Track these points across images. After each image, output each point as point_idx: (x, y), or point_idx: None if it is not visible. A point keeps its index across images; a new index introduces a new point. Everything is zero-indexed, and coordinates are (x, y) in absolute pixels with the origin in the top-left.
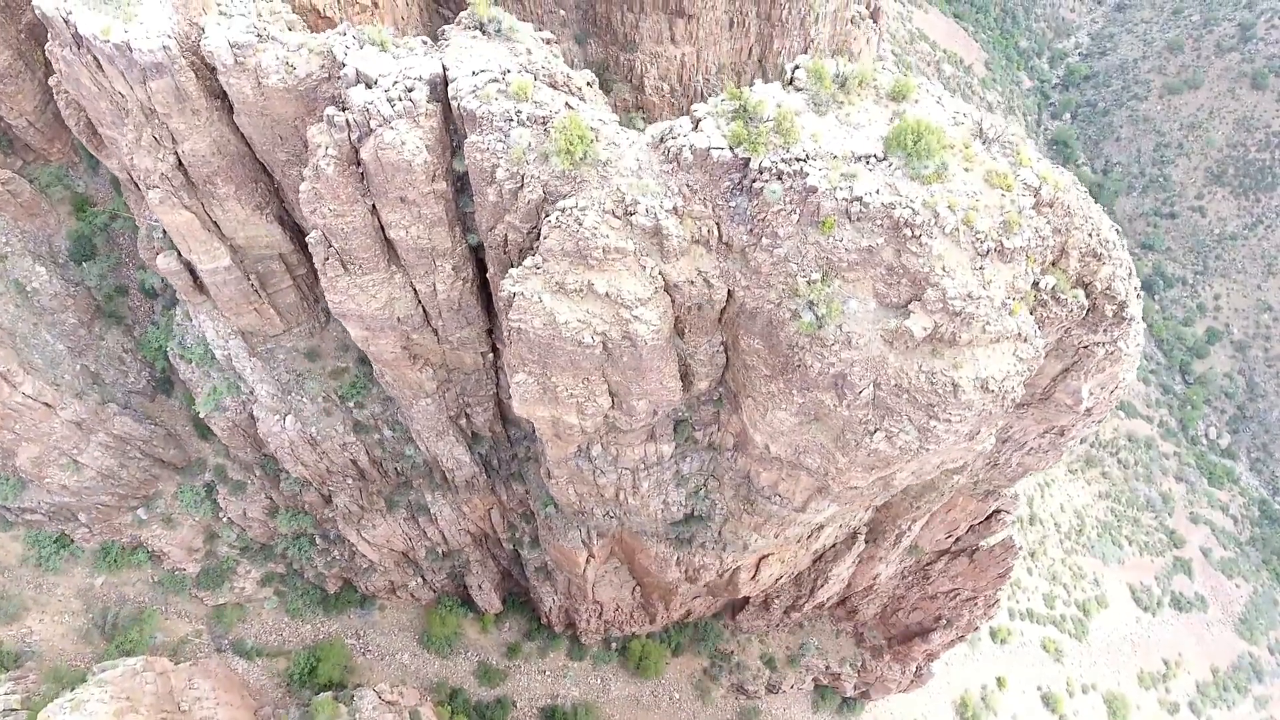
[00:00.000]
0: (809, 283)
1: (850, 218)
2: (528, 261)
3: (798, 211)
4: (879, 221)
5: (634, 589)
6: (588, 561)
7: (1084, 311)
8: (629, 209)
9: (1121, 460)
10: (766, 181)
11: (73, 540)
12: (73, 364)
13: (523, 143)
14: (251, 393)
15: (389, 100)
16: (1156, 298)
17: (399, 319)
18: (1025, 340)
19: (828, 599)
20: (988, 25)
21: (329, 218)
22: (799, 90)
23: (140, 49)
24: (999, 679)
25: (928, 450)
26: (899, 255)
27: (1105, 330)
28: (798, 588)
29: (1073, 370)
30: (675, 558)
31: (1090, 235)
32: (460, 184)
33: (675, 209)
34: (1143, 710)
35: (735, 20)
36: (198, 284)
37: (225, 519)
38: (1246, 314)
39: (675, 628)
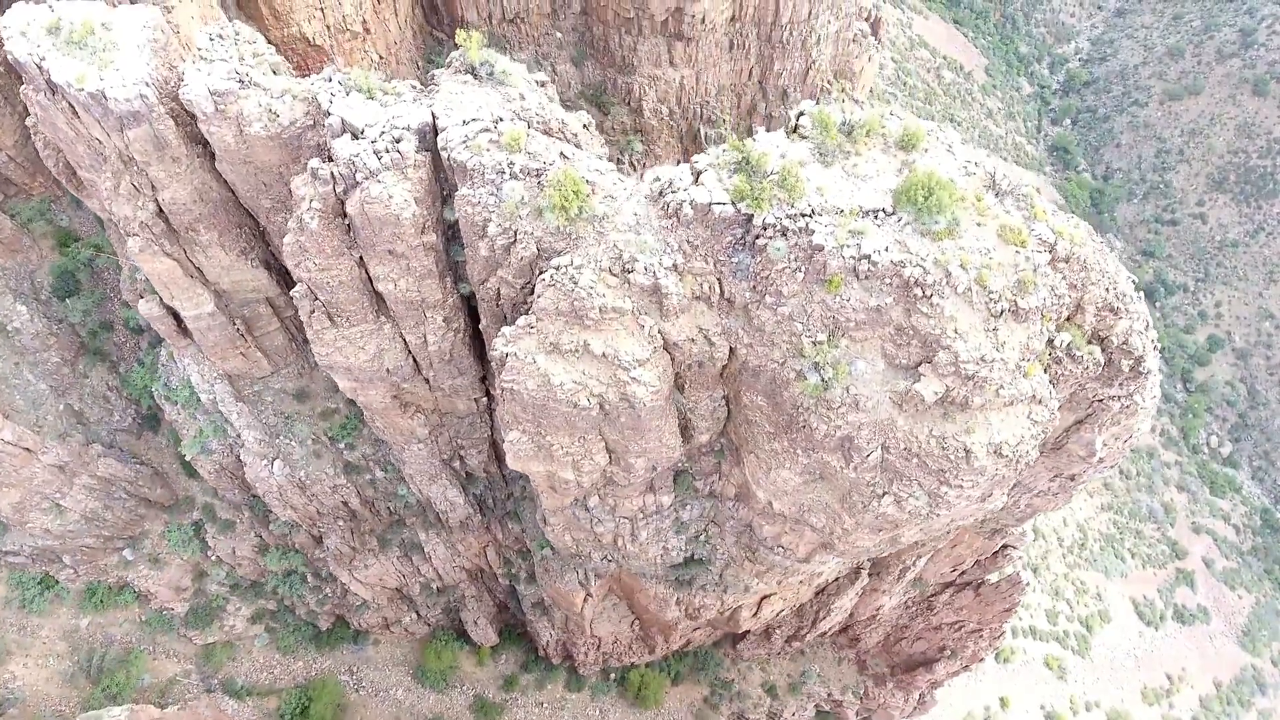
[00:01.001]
0: (814, 343)
1: (858, 276)
2: (521, 321)
3: (803, 269)
4: (888, 280)
5: (633, 623)
6: (585, 601)
7: (1100, 368)
8: (626, 267)
9: (1124, 470)
10: (770, 238)
11: (57, 581)
12: (55, 404)
13: (515, 197)
14: (238, 436)
15: (375, 152)
16: (1158, 305)
17: (388, 370)
18: (1040, 402)
19: (830, 628)
20: (987, 31)
21: (314, 272)
22: (804, 138)
23: (116, 98)
24: (1002, 699)
25: (938, 515)
26: (909, 315)
27: (1121, 384)
28: (799, 619)
29: (1086, 423)
30: (675, 598)
31: (1107, 290)
32: (451, 233)
33: (675, 266)
34: None
35: (735, 42)
36: (181, 328)
37: (214, 557)
38: (1248, 321)
39: (675, 656)
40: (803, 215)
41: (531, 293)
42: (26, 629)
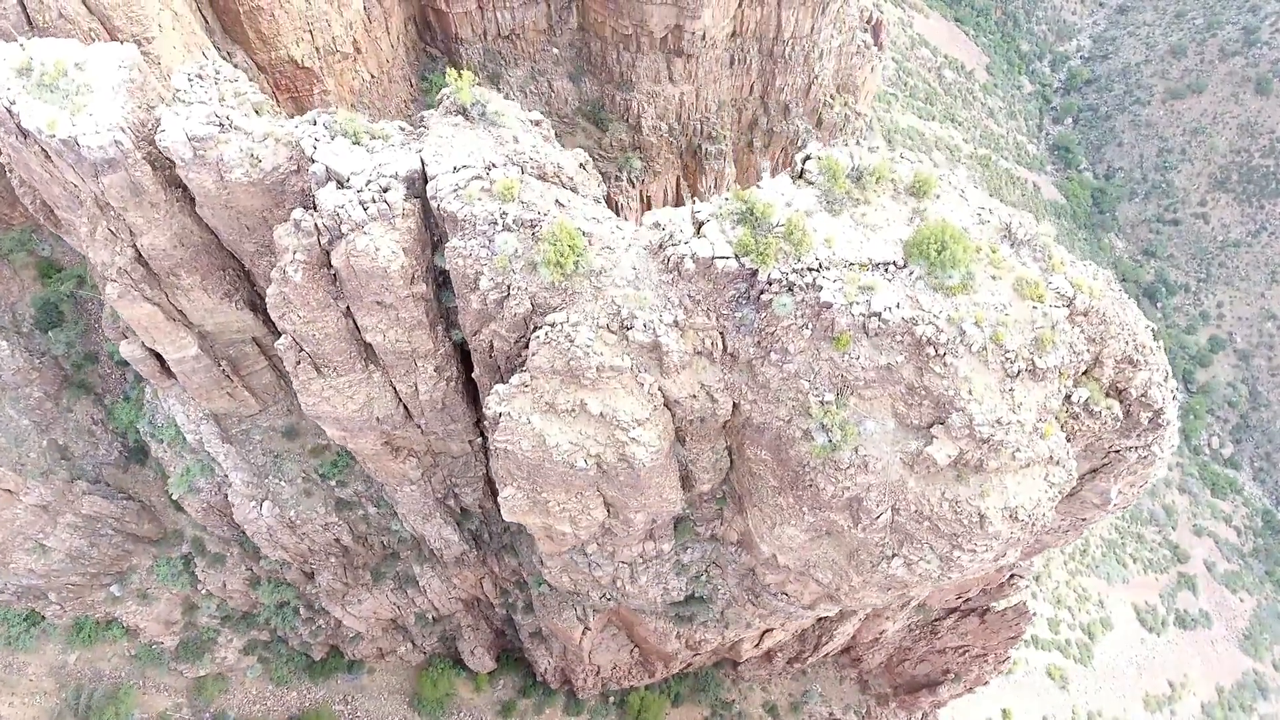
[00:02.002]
0: (822, 403)
1: (867, 333)
2: (514, 380)
3: (810, 326)
4: (899, 338)
5: (632, 650)
6: (584, 634)
7: (1118, 422)
8: (625, 324)
9: None
10: (776, 293)
11: (43, 617)
12: (38, 440)
13: (509, 249)
14: (226, 476)
15: (362, 203)
16: (1159, 305)
17: (378, 419)
18: (1057, 464)
19: (832, 650)
20: (988, 29)
21: (299, 324)
22: (810, 184)
23: (89, 145)
24: (1004, 711)
25: (950, 577)
26: (921, 375)
27: (1139, 435)
28: (801, 642)
29: (1102, 472)
30: (675, 632)
31: (1126, 342)
32: (443, 279)
33: (676, 322)
34: None
35: (736, 58)
36: (165, 369)
37: (204, 591)
38: (1250, 322)
39: (675, 678)
40: (810, 269)
41: (526, 346)
42: (12, 666)
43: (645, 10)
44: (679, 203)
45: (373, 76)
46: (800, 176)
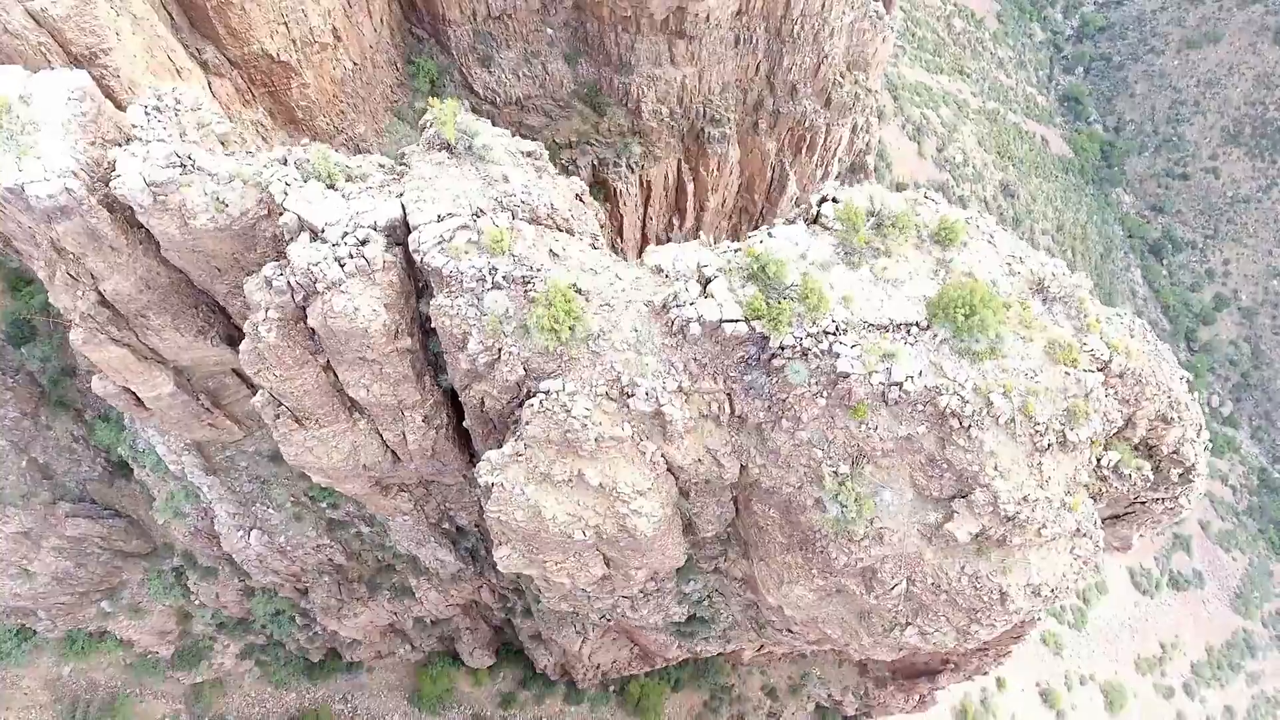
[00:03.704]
0: (835, 474)
1: (887, 402)
2: (506, 449)
3: (825, 395)
4: (921, 408)
5: (633, 648)
6: (583, 643)
7: (1148, 483)
8: (626, 391)
9: None
10: (789, 359)
11: (35, 632)
12: (17, 461)
13: (499, 309)
14: (212, 504)
15: (338, 259)
16: (1165, 262)
17: (365, 466)
18: (1085, 536)
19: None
20: None
21: (275, 382)
22: (826, 229)
23: (37, 194)
24: (998, 680)
25: (966, 646)
26: (943, 447)
27: (1167, 489)
28: None
29: (1125, 520)
30: (677, 643)
31: (1162, 401)
32: (430, 323)
33: (680, 387)
34: (1139, 697)
35: (741, 38)
36: (141, 402)
37: (198, 602)
38: (1256, 280)
39: (674, 665)
40: (826, 333)
41: (520, 404)
42: (6, 680)
43: None
44: (680, 188)
45: (355, 64)
46: (816, 221)
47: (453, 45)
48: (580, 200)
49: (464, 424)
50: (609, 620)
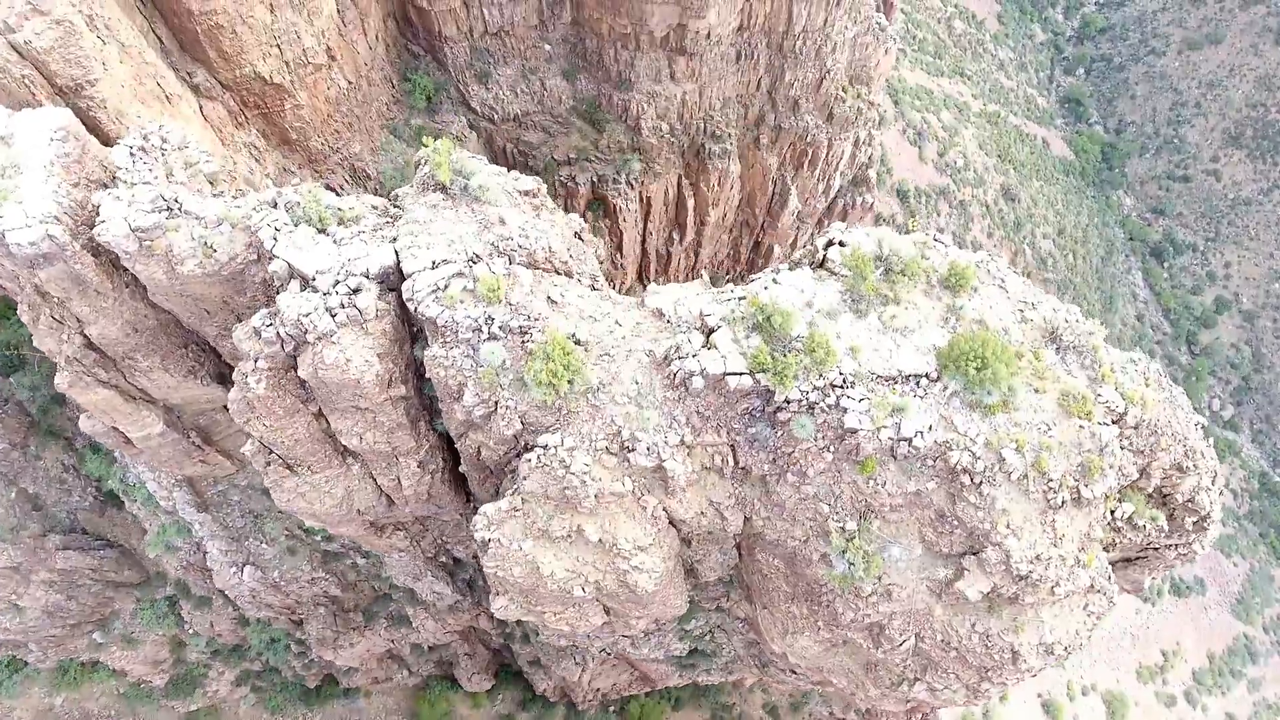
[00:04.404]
0: (842, 530)
1: (895, 457)
2: (503, 503)
3: (832, 450)
4: (930, 463)
5: (633, 671)
6: (583, 672)
7: (1162, 533)
8: (626, 445)
9: None
10: (795, 413)
11: (26, 663)
12: (6, 492)
13: (495, 361)
14: (203, 540)
15: (329, 309)
16: (1166, 265)
17: (359, 511)
18: (1099, 592)
19: None
20: None
21: (265, 432)
22: (833, 274)
23: (18, 242)
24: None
25: (975, 703)
26: (954, 503)
27: (1181, 535)
28: None
29: (1137, 564)
30: (679, 673)
31: (1177, 451)
32: (425, 368)
33: (683, 441)
34: (1141, 706)
35: (743, 53)
36: (131, 441)
37: (191, 631)
38: (1257, 283)
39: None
40: (833, 387)
41: (518, 455)
42: None
43: (645, 10)
44: (680, 203)
45: (350, 83)
46: (822, 265)
47: (449, 62)
48: (579, 238)
49: (460, 469)
50: (609, 653)
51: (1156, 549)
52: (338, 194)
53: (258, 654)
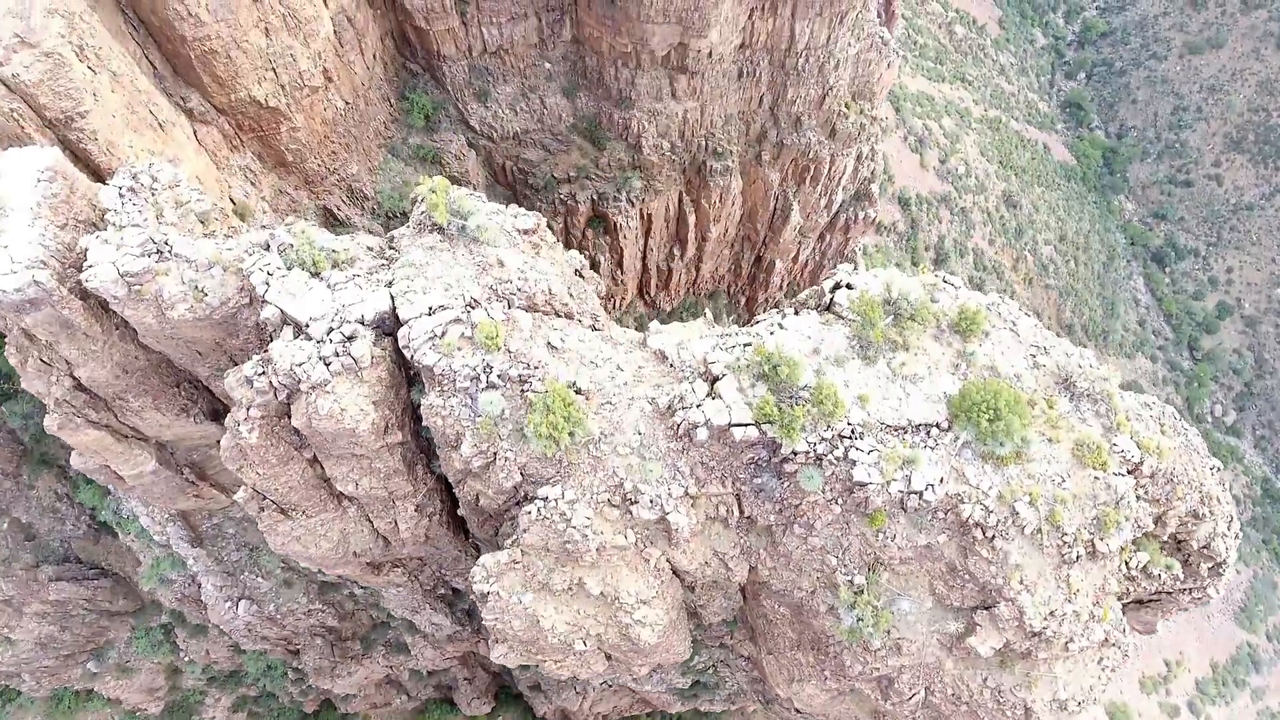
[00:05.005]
0: (851, 584)
1: (905, 509)
2: (502, 556)
3: (840, 502)
4: (941, 515)
5: (634, 694)
6: (583, 700)
7: (1177, 581)
8: (629, 498)
9: None
10: (803, 464)
11: (19, 693)
12: None
13: (494, 410)
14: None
15: (323, 359)
16: (1167, 270)
17: (355, 553)
18: (1114, 645)
19: None
20: None
21: (259, 479)
22: (840, 318)
23: (4, 288)
24: None
25: None
26: (965, 556)
27: (1194, 579)
28: None
29: (1149, 607)
30: (681, 702)
31: (1194, 498)
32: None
33: (687, 492)
34: (1144, 717)
35: (745, 70)
36: (123, 478)
37: (187, 659)
38: (1259, 288)
39: None
40: (842, 438)
41: (517, 504)
42: None
43: (646, 29)
44: (681, 219)
45: (347, 103)
46: (829, 308)
47: (448, 80)
48: (580, 275)
49: (459, 511)
50: (611, 684)
51: (1170, 593)
52: (334, 214)
53: (254, 680)
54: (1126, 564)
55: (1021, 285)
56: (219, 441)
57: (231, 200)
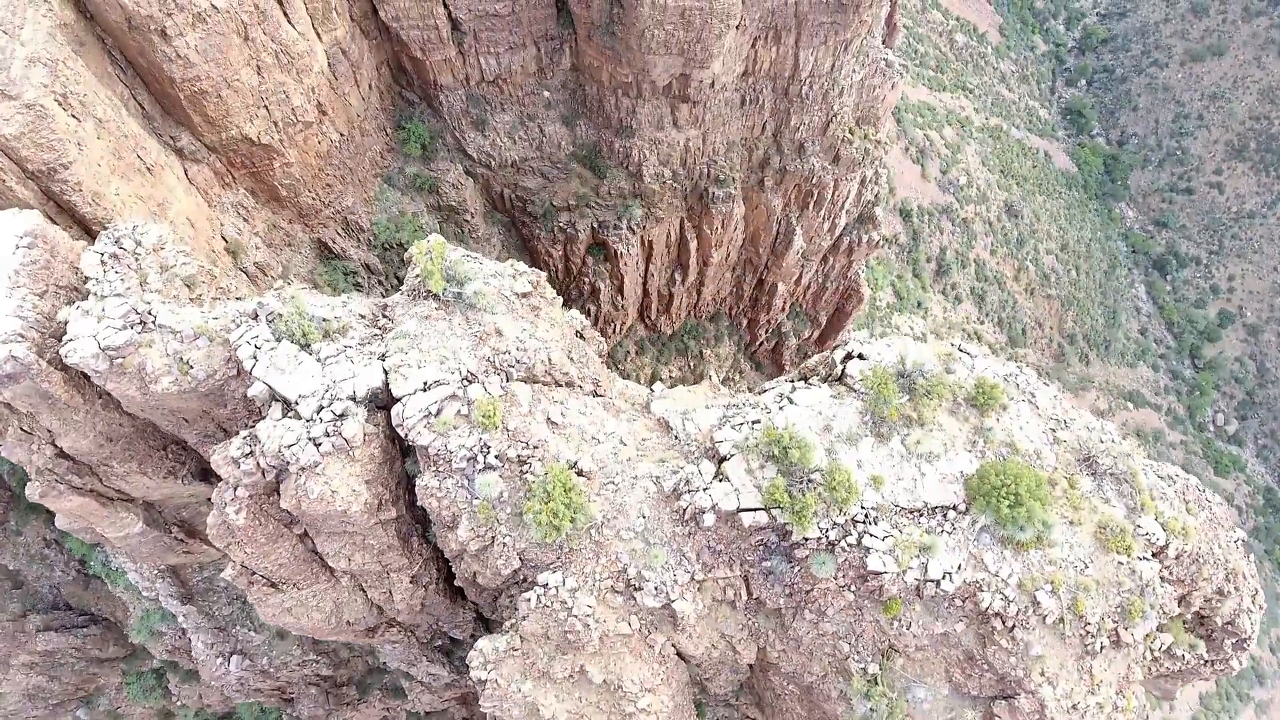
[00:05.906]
0: (864, 673)
1: (921, 597)
2: (501, 642)
3: (853, 589)
4: (959, 604)
5: None
6: None
7: (1201, 661)
8: (633, 584)
9: None
10: (814, 550)
11: None
12: None
13: (492, 493)
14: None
15: (313, 439)
16: (1169, 278)
17: (349, 623)
18: None
19: None
20: None
21: (247, 557)
22: (852, 390)
23: None
24: None
25: None
26: (984, 645)
27: (1218, 654)
28: None
29: (1170, 677)
30: None
31: (1219, 576)
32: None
33: (693, 578)
34: None
35: (748, 98)
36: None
37: (179, 704)
38: (1261, 296)
39: None
40: (855, 523)
41: (517, 585)
42: None
43: (648, 60)
44: (683, 245)
45: (342, 135)
46: (840, 379)
47: (445, 109)
48: (581, 336)
49: (456, 584)
50: None
51: (1192, 667)
52: (330, 246)
53: None
54: (1150, 649)
55: (1023, 295)
56: (209, 499)
57: (224, 238)
